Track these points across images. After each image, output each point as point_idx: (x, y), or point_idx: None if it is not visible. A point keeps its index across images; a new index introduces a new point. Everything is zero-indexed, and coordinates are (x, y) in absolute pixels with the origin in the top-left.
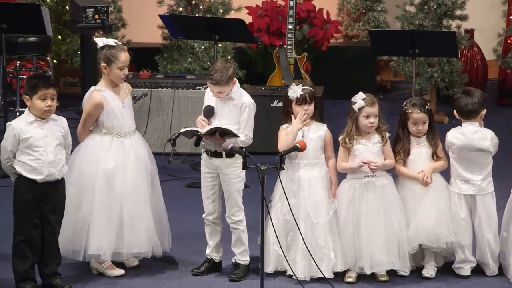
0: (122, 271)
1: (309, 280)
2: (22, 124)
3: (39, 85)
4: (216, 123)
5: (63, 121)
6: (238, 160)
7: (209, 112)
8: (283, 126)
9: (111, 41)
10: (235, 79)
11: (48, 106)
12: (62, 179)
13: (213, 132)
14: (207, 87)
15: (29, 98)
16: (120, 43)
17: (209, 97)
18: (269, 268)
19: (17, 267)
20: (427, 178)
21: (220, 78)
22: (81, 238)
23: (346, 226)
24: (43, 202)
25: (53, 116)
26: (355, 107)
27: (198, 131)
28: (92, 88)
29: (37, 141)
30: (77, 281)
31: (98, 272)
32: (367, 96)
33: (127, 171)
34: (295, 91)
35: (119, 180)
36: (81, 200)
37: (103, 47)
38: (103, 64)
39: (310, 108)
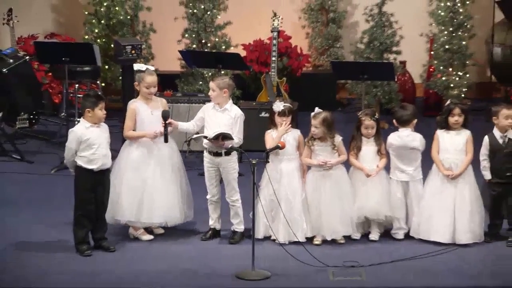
0: (151, 236)
1: (287, 243)
2: (82, 129)
3: (100, 100)
4: (217, 130)
5: (106, 127)
6: (233, 157)
7: (165, 115)
8: (268, 131)
9: (144, 67)
10: (227, 91)
11: (104, 114)
12: (109, 168)
13: (217, 137)
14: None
15: (91, 110)
16: (152, 68)
17: (208, 111)
18: (259, 235)
19: (77, 233)
20: (373, 173)
21: (216, 78)
22: (140, 212)
23: (312, 205)
24: (97, 185)
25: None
26: None
27: (206, 136)
28: (131, 100)
29: (95, 140)
30: (118, 243)
31: (134, 237)
32: (317, 112)
33: (150, 160)
34: (278, 106)
35: (143, 167)
36: (134, 183)
37: (137, 71)
38: (136, 82)
39: (288, 119)
